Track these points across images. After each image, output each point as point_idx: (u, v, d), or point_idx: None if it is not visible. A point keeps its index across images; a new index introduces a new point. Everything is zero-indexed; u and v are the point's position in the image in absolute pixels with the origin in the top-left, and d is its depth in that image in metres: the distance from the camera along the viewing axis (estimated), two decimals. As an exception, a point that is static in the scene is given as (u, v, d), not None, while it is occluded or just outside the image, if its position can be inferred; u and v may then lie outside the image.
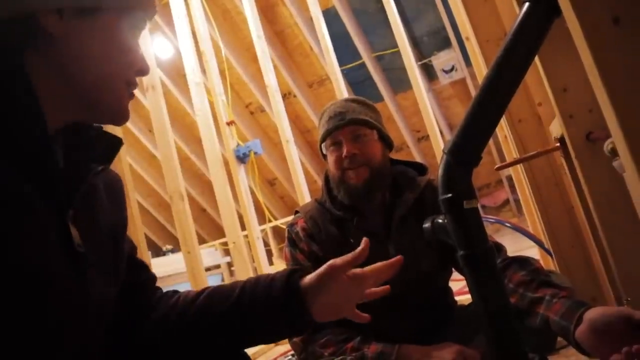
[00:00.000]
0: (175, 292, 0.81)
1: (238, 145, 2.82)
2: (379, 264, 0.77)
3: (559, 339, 1.18)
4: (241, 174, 2.81)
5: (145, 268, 0.81)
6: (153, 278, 0.83)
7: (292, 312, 0.72)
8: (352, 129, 1.21)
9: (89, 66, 0.59)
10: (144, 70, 0.66)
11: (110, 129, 0.69)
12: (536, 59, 0.89)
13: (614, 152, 0.71)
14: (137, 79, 0.66)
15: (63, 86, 0.58)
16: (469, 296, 0.77)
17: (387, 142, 1.28)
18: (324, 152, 1.27)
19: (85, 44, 0.59)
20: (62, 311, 0.55)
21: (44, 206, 0.54)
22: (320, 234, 1.23)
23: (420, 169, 1.33)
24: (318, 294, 0.73)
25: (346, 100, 1.28)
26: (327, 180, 1.30)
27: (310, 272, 0.76)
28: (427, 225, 0.78)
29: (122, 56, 0.62)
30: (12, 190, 0.51)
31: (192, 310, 0.74)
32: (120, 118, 0.64)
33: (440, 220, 0.75)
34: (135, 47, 0.64)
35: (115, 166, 2.98)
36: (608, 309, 0.83)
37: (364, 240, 0.78)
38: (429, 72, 4.88)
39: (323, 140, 1.25)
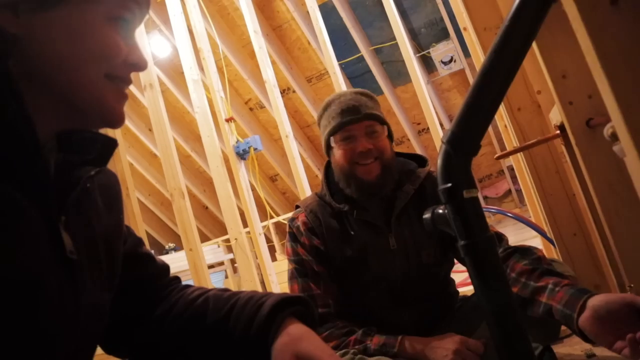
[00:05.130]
0: (186, 286, 0.81)
1: (237, 141, 2.81)
2: None
3: (563, 328, 1.18)
4: (241, 171, 2.81)
5: (151, 261, 0.81)
6: (162, 269, 0.82)
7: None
8: (367, 124, 1.20)
9: (60, 67, 0.53)
10: (138, 65, 0.59)
11: (109, 129, 0.66)
12: (534, 46, 0.88)
13: (614, 137, 0.70)
14: (134, 78, 0.62)
15: (41, 91, 0.53)
16: (472, 287, 0.77)
17: (391, 137, 1.28)
18: (332, 144, 1.24)
19: (50, 42, 0.52)
20: (53, 318, 0.54)
21: (35, 213, 0.53)
22: (321, 227, 1.23)
23: (420, 160, 1.32)
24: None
25: (355, 92, 1.26)
26: (326, 173, 1.29)
27: (304, 304, 0.71)
28: (427, 215, 0.77)
29: (94, 52, 0.55)
30: (1, 198, 0.49)
31: (186, 315, 0.74)
32: (112, 121, 0.58)
33: (440, 211, 0.74)
34: (117, 39, 0.56)
35: (115, 166, 2.96)
36: (611, 296, 0.83)
37: None
38: (427, 64, 4.86)
39: (334, 132, 1.22)
